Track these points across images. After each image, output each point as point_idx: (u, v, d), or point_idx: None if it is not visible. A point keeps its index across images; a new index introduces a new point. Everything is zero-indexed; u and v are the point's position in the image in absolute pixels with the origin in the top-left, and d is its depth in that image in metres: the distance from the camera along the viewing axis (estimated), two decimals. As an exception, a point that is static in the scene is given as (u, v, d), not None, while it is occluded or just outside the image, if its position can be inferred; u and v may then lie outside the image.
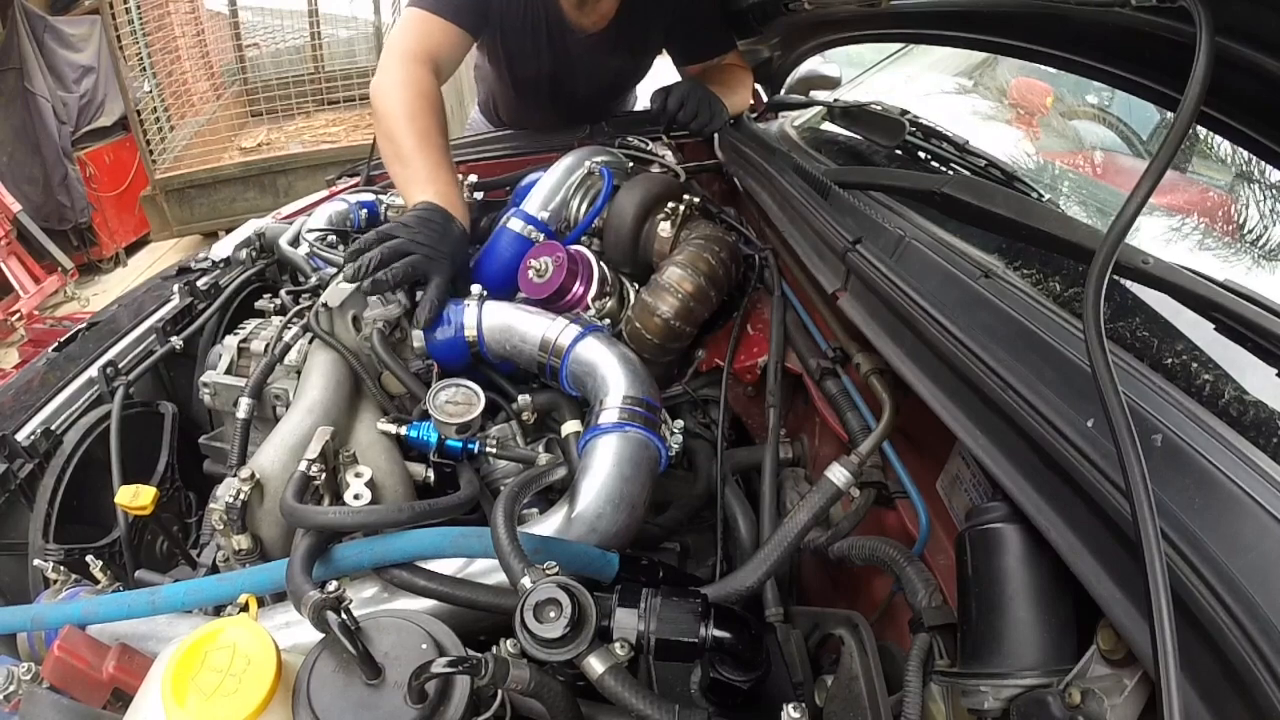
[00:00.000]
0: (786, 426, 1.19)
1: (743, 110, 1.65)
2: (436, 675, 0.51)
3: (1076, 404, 0.57)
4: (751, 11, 1.64)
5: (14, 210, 4.19)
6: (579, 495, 0.78)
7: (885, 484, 0.91)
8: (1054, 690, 0.54)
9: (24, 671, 0.63)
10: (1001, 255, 0.82)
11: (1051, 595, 0.59)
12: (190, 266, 1.41)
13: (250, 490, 0.80)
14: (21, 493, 0.96)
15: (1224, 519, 0.47)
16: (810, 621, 0.85)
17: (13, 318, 4.05)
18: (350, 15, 4.87)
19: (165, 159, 4.33)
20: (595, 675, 0.56)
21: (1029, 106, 1.68)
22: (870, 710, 0.65)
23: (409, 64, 1.27)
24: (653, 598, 0.60)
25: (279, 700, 0.51)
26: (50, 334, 3.68)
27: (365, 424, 0.93)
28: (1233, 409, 0.56)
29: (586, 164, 1.29)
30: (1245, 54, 0.62)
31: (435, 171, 1.14)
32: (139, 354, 1.18)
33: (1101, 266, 0.55)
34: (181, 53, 4.58)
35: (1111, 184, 1.44)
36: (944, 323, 0.71)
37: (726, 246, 1.17)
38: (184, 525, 1.13)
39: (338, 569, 0.72)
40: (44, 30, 4.49)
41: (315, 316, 1.01)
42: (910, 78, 1.70)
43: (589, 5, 1.49)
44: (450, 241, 1.05)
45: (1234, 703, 0.43)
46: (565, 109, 1.78)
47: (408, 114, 1.19)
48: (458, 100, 4.22)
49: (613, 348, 0.94)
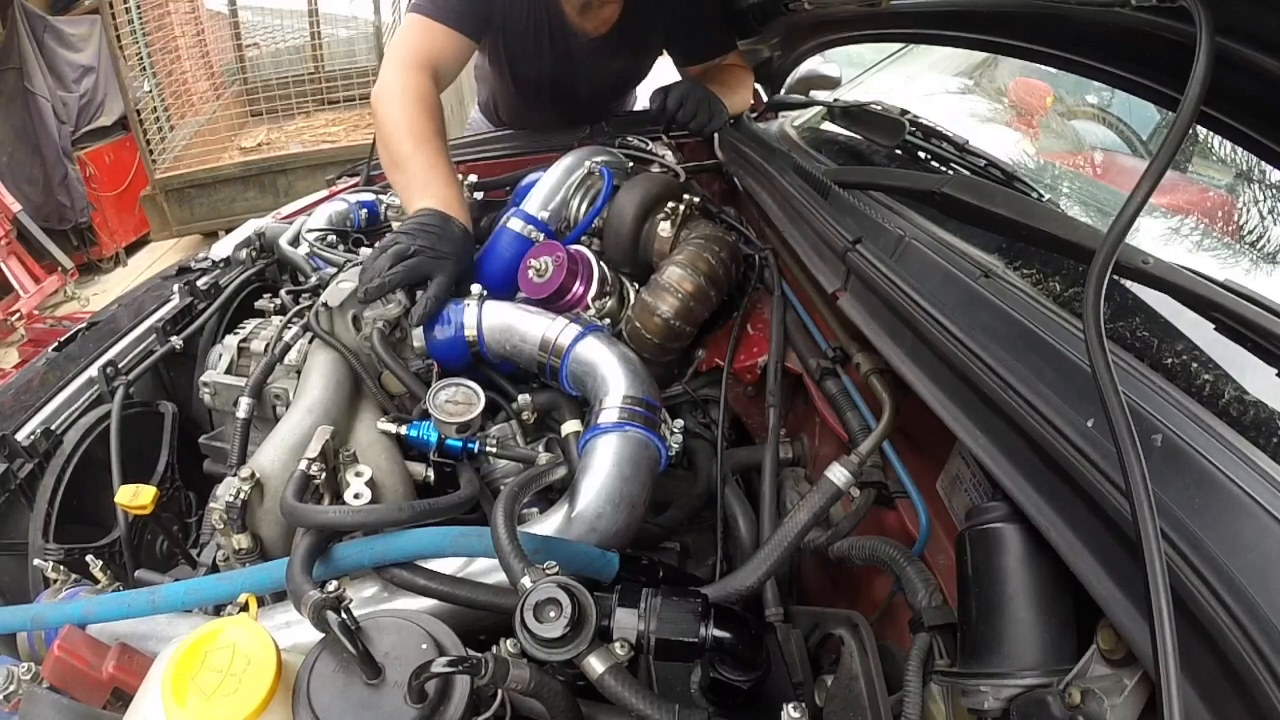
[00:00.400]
0: (786, 426, 1.19)
1: (743, 110, 1.65)
2: (436, 675, 0.51)
3: (1076, 404, 0.57)
4: (751, 11, 1.64)
5: (14, 210, 4.19)
6: (579, 495, 0.78)
7: (885, 484, 0.91)
8: (1054, 690, 0.54)
9: (24, 671, 0.62)
10: (1001, 255, 0.82)
11: (1051, 595, 0.59)
12: (190, 266, 1.41)
13: (250, 490, 0.80)
14: (21, 493, 0.96)
15: (1224, 519, 0.47)
16: (810, 621, 0.85)
17: (13, 317, 4.05)
18: (350, 15, 4.86)
19: (165, 159, 4.33)
20: (595, 675, 0.56)
21: (1029, 106, 1.68)
22: (870, 710, 0.65)
23: (408, 71, 1.27)
24: (653, 598, 0.60)
25: (279, 700, 0.51)
26: (50, 334, 3.69)
27: (365, 423, 0.93)
28: (1233, 409, 0.56)
29: (586, 164, 1.29)
30: (1245, 54, 0.62)
31: (433, 176, 1.14)
32: (139, 354, 1.18)
33: (1101, 266, 0.55)
34: (181, 53, 4.58)
35: (1111, 184, 1.44)
36: (944, 323, 0.71)
37: (726, 246, 1.17)
38: (184, 525, 1.13)
39: (338, 568, 0.72)
40: (44, 30, 4.49)
41: (315, 316, 1.01)
42: (910, 78, 1.70)
43: (592, 10, 1.50)
44: (451, 242, 1.05)
45: (1234, 703, 0.43)
46: (566, 110, 1.78)
47: (406, 120, 1.20)
48: (458, 100, 4.22)
49: (613, 347, 0.94)
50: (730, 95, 1.55)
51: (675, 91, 1.44)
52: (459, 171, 1.47)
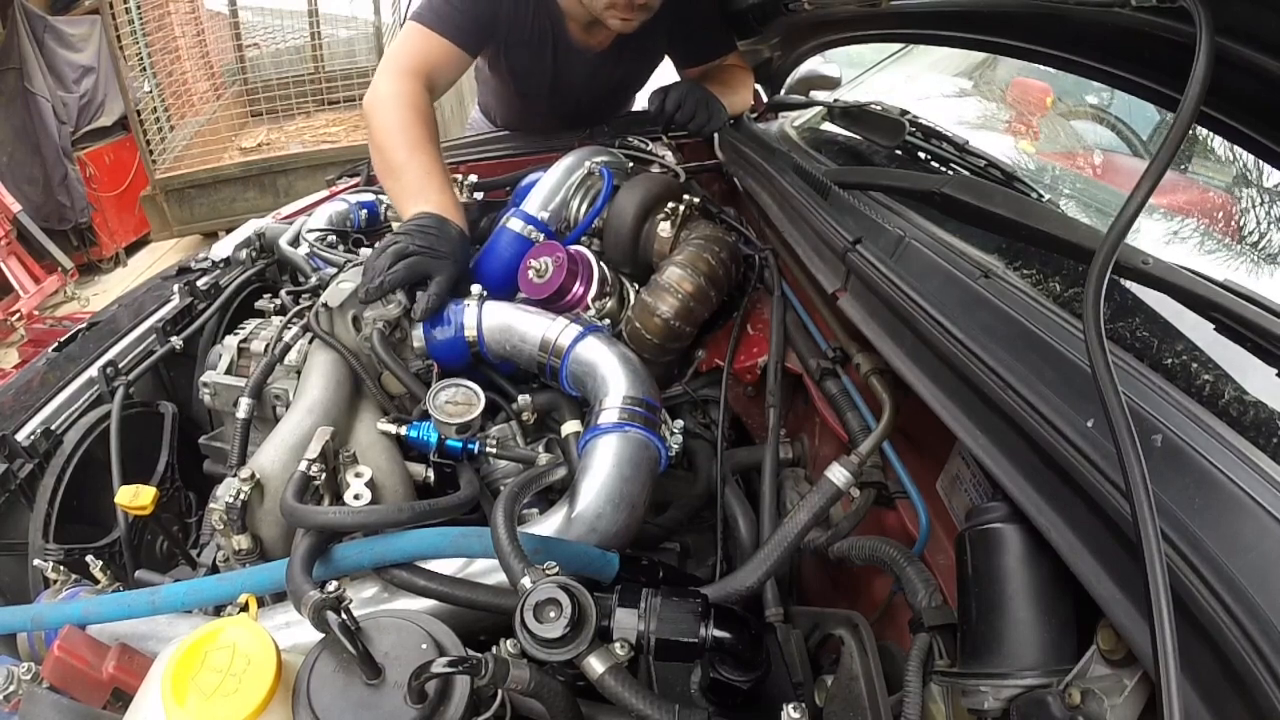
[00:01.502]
0: (786, 426, 1.19)
1: (743, 110, 1.65)
2: (436, 675, 0.51)
3: (1076, 404, 0.57)
4: (751, 11, 1.64)
5: (14, 210, 4.19)
6: (579, 495, 0.78)
7: (885, 484, 0.91)
8: (1054, 690, 0.54)
9: (24, 671, 0.62)
10: (1001, 255, 0.82)
11: (1051, 595, 0.59)
12: (190, 266, 1.41)
13: (250, 490, 0.80)
14: (21, 493, 0.96)
15: (1224, 519, 0.47)
16: (810, 621, 0.85)
17: (13, 318, 4.05)
18: (350, 15, 4.86)
19: (165, 159, 4.33)
20: (595, 675, 0.56)
21: (1029, 106, 1.69)
22: (870, 710, 0.65)
23: (401, 78, 1.27)
24: (653, 598, 0.60)
25: (279, 700, 0.51)
26: (50, 334, 3.68)
27: (365, 424, 0.93)
28: (1233, 409, 0.56)
29: (586, 164, 1.29)
30: (1245, 54, 0.62)
31: (428, 182, 1.14)
32: (139, 354, 1.18)
33: (1101, 266, 0.55)
34: (181, 53, 4.58)
35: (1111, 184, 1.44)
36: (944, 323, 0.71)
37: (726, 246, 1.17)
38: (184, 525, 1.13)
39: (338, 569, 0.72)
40: (44, 30, 4.49)
41: (315, 316, 1.01)
42: (910, 78, 1.70)
43: (597, 26, 1.50)
44: (448, 242, 1.05)
45: (1234, 703, 0.43)
46: (566, 116, 1.79)
47: (399, 127, 1.19)
48: (458, 100, 4.23)
49: (613, 348, 0.94)
50: (730, 96, 1.55)
51: (674, 93, 1.44)
52: (460, 172, 1.47)
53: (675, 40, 1.65)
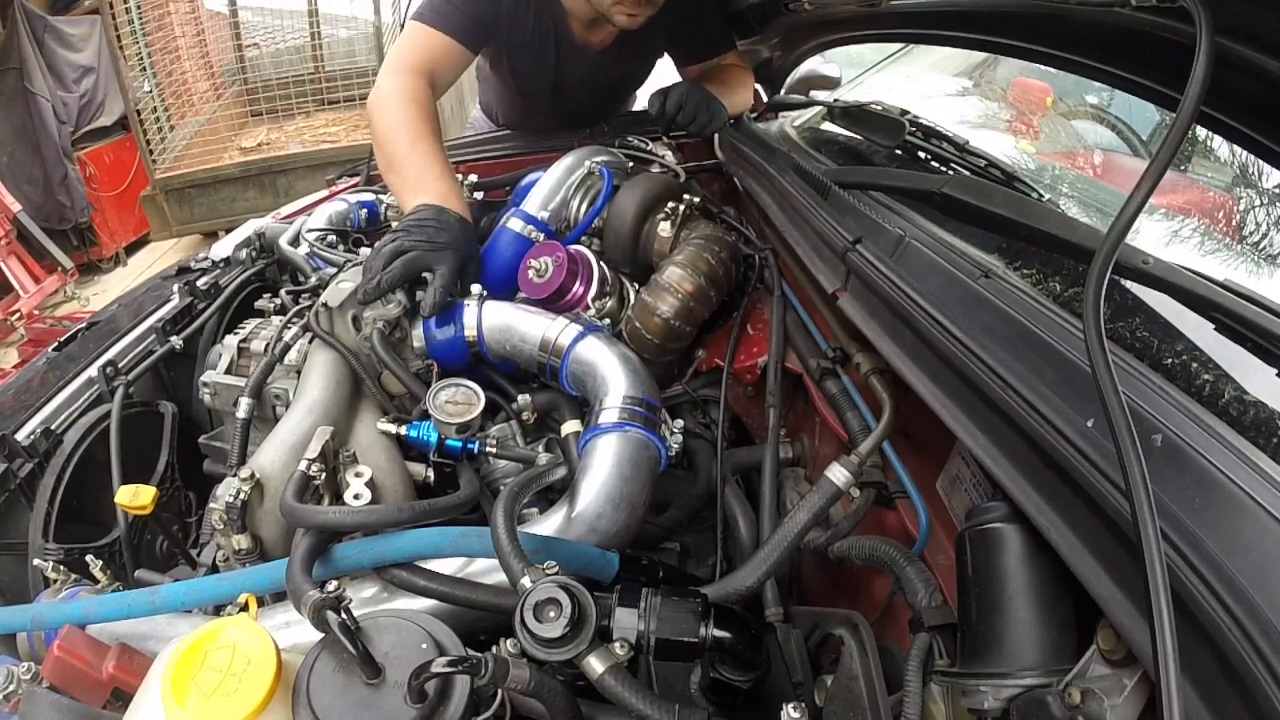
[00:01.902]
0: (786, 426, 1.19)
1: (743, 110, 1.65)
2: (436, 675, 0.51)
3: (1076, 404, 0.57)
4: (751, 11, 1.64)
5: (14, 210, 4.18)
6: (579, 495, 0.78)
7: (885, 484, 0.91)
8: (1054, 690, 0.54)
9: (24, 671, 0.62)
10: (1001, 255, 0.82)
11: (1051, 595, 0.59)
12: (190, 266, 1.41)
13: (250, 490, 0.80)
14: (21, 492, 0.96)
15: (1224, 519, 0.47)
16: (810, 621, 0.85)
17: (13, 317, 4.05)
18: (350, 15, 4.86)
19: (165, 159, 4.32)
20: (595, 675, 0.56)
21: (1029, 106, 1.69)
22: (870, 710, 0.65)
23: (403, 75, 1.28)
24: (653, 597, 0.60)
25: (279, 700, 0.51)
26: (50, 334, 3.68)
27: (365, 424, 0.93)
28: (1233, 409, 0.56)
29: (586, 164, 1.29)
30: (1245, 54, 0.62)
31: (428, 173, 1.14)
32: (139, 354, 1.18)
33: (1101, 266, 0.55)
34: (181, 53, 4.58)
35: (1111, 184, 1.44)
36: (944, 323, 0.71)
37: (726, 246, 1.17)
38: (184, 525, 1.13)
39: (338, 569, 0.72)
40: (44, 30, 4.49)
41: (315, 316, 1.01)
42: (910, 78, 1.70)
43: (600, 24, 1.50)
44: (448, 231, 1.04)
45: (1234, 703, 0.43)
46: (567, 114, 1.79)
47: (401, 121, 1.20)
48: (458, 100, 4.22)
49: (613, 347, 0.94)
50: (730, 95, 1.55)
51: (674, 94, 1.44)
52: (460, 172, 1.47)
53: (675, 38, 1.66)
